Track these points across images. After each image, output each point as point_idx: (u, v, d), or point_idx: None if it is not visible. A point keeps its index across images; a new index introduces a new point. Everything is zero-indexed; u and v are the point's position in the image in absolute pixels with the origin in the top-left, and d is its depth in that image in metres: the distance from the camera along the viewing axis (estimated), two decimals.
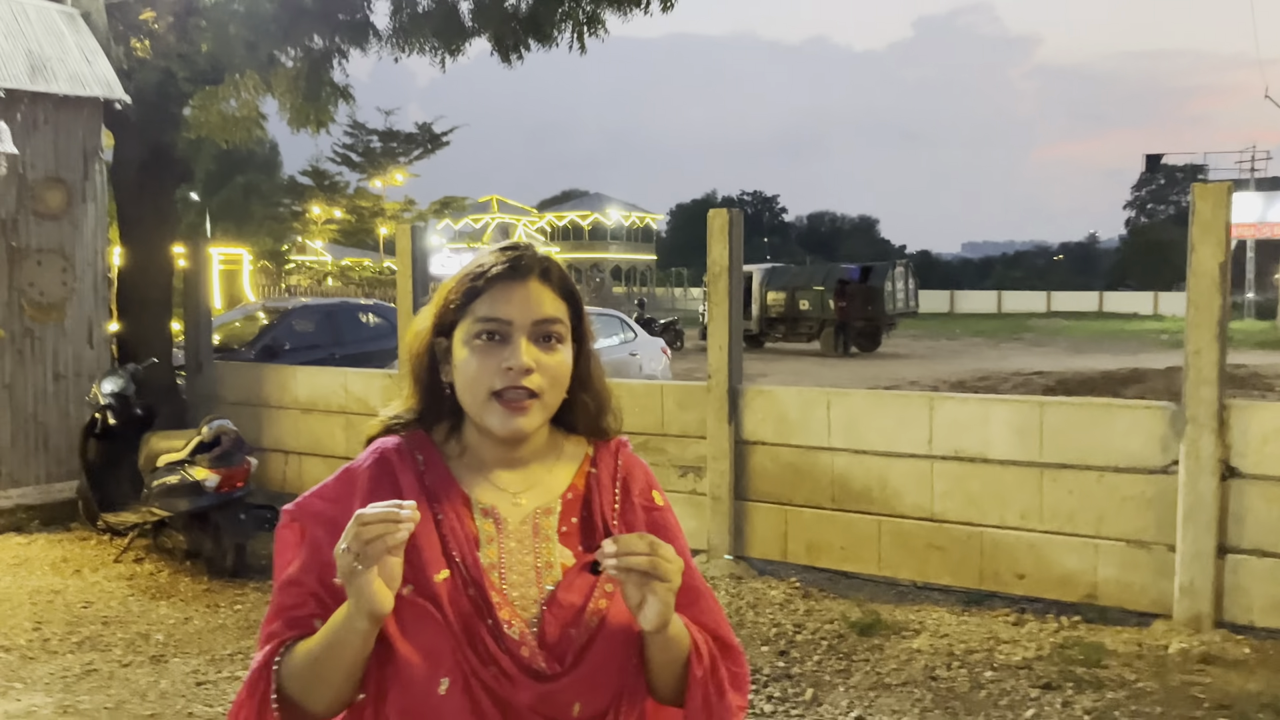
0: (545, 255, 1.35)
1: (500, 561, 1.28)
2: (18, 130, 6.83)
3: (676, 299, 54.65)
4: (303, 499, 1.34)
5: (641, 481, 1.40)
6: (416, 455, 1.33)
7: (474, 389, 1.28)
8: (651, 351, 12.26)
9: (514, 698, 1.22)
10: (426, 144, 34.83)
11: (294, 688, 1.23)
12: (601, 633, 1.26)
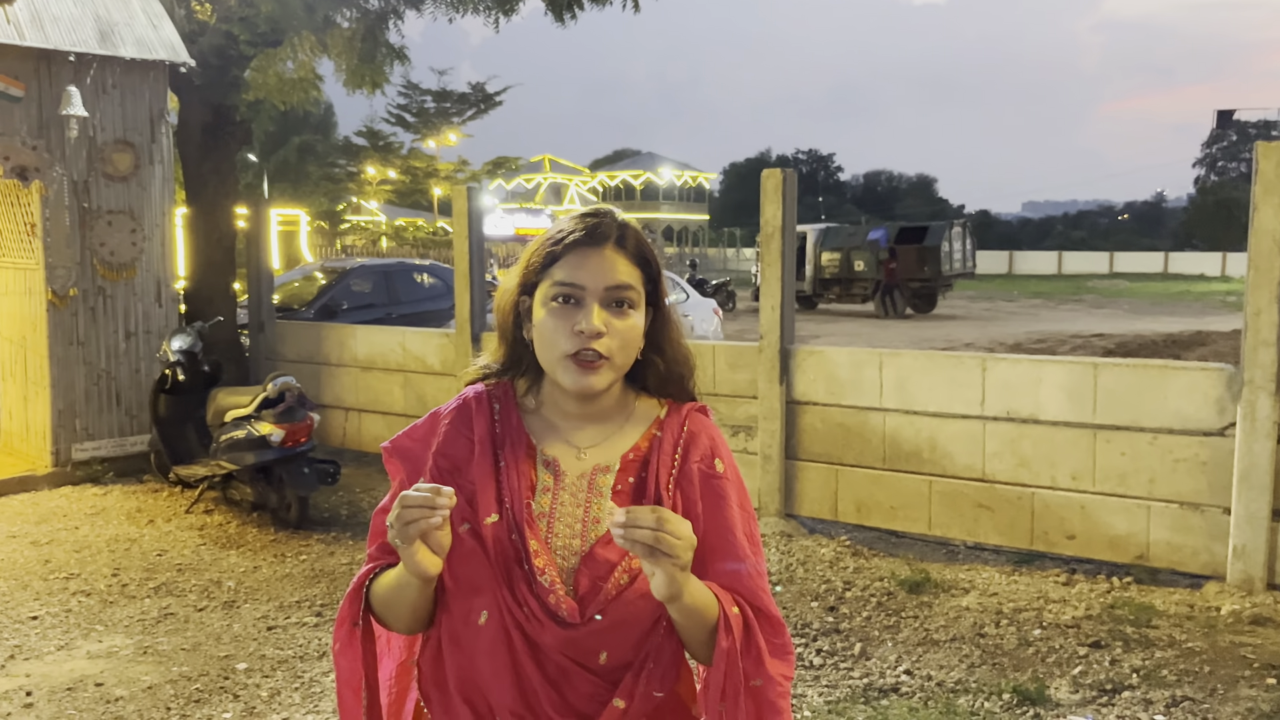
0: (624, 222, 1.40)
1: (551, 512, 1.36)
2: (87, 94, 7.02)
3: (729, 259, 54.40)
4: (396, 438, 1.47)
5: (704, 447, 1.42)
6: (494, 404, 1.42)
7: (549, 348, 1.35)
8: (703, 312, 12.29)
9: (542, 638, 1.31)
10: (479, 104, 34.87)
11: (378, 609, 1.40)
12: (630, 590, 1.31)
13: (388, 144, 36.37)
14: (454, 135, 35.56)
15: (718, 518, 1.38)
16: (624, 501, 1.37)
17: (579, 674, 1.32)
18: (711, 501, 1.39)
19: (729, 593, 1.34)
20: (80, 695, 3.94)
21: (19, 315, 7.49)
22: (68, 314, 7.17)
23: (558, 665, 1.32)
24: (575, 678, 1.32)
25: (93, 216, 7.23)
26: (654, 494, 1.36)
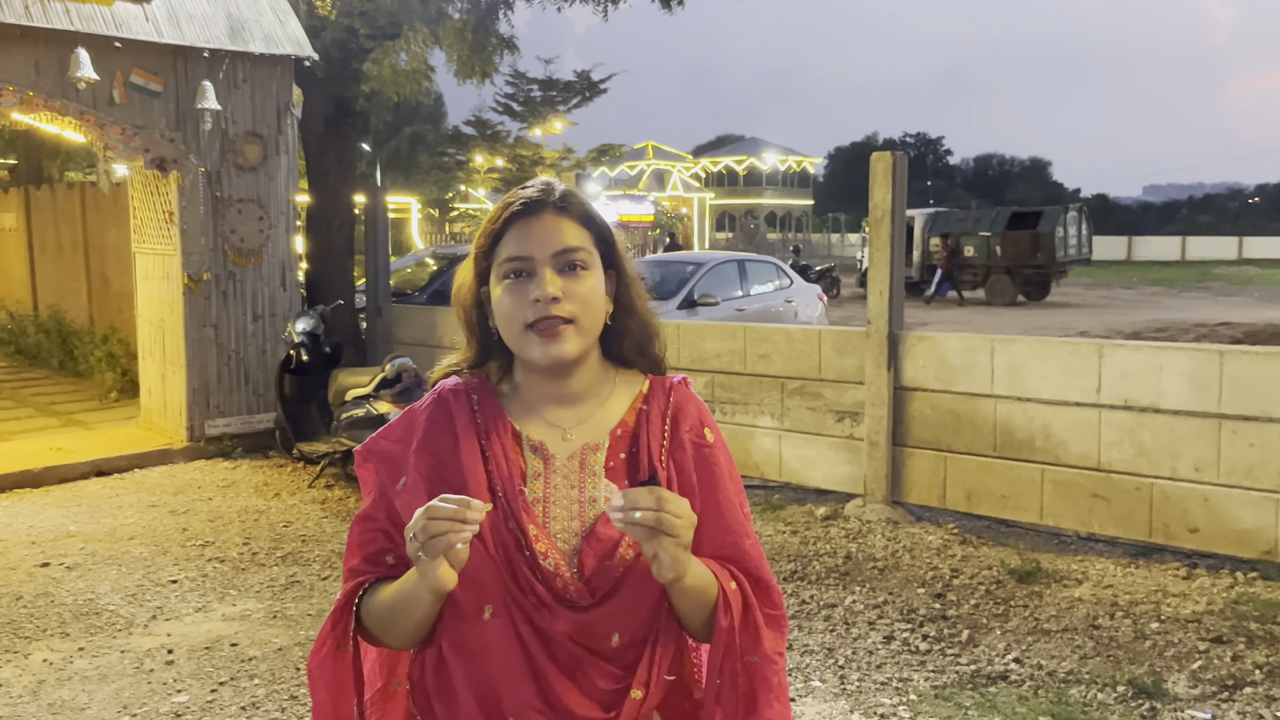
0: (563, 187, 1.36)
1: (545, 496, 1.31)
2: (220, 88, 7.38)
3: (833, 245, 53.68)
4: (370, 440, 1.40)
5: (692, 418, 1.39)
6: (471, 395, 1.37)
7: (510, 325, 1.32)
8: (807, 298, 12.20)
9: (552, 626, 1.27)
10: (585, 92, 35.14)
11: (373, 626, 1.33)
12: (637, 566, 1.27)
13: (495, 133, 36.99)
14: (559, 123, 35.96)
15: (713, 488, 1.36)
16: (618, 477, 1.34)
17: (591, 661, 1.29)
18: (705, 472, 1.37)
19: (725, 566, 1.32)
20: (216, 654, 4.20)
21: (158, 298, 7.94)
22: (201, 297, 7.58)
23: (569, 654, 1.28)
24: (588, 666, 1.29)
25: (224, 205, 7.61)
26: (648, 468, 1.33)
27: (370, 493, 1.38)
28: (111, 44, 6.89)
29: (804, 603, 4.68)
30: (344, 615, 1.33)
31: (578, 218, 1.35)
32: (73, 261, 11.81)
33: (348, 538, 1.40)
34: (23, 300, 13.19)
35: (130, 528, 5.93)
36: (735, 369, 6.56)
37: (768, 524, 5.89)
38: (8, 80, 6.56)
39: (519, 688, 1.27)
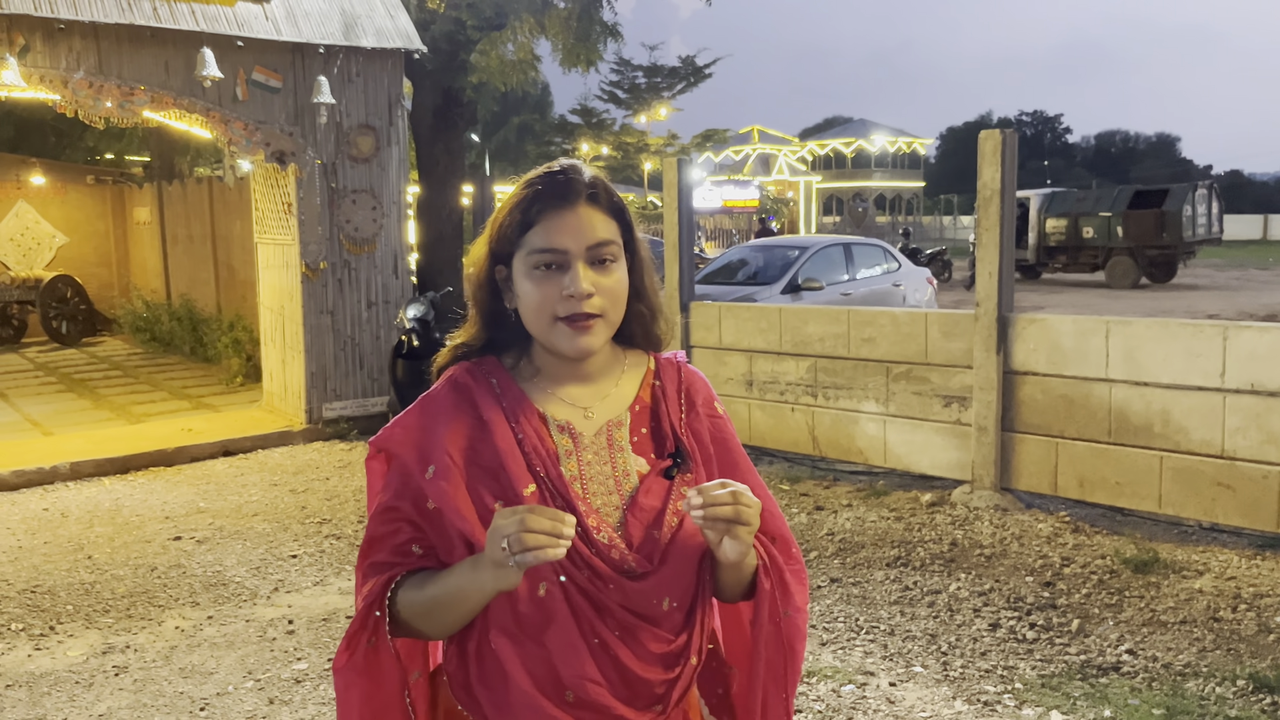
0: (593, 175, 1.36)
1: (581, 474, 1.34)
2: (334, 83, 7.65)
3: (944, 228, 52.33)
4: (386, 431, 1.39)
5: (704, 393, 1.46)
6: (491, 379, 1.38)
7: (539, 316, 1.32)
8: (916, 282, 11.95)
9: (606, 597, 1.29)
10: (689, 77, 35.12)
11: (410, 618, 1.32)
12: (680, 532, 1.33)
13: (600, 121, 37.29)
14: (664, 110, 36.00)
15: (729, 456, 1.44)
16: (645, 450, 1.38)
17: (642, 627, 1.31)
18: (720, 442, 1.44)
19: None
20: (334, 625, 4.40)
21: (278, 286, 8.30)
22: (319, 285, 7.89)
23: (622, 622, 1.30)
24: (640, 632, 1.31)
25: (339, 196, 7.89)
26: (671, 439, 1.38)
27: (387, 485, 1.37)
28: (234, 43, 7.21)
29: (907, 589, 4.62)
30: (377, 607, 1.31)
31: (607, 208, 1.36)
32: (201, 252, 12.42)
33: (367, 531, 1.37)
34: (157, 290, 13.93)
35: (254, 505, 6.23)
36: (839, 353, 6.49)
37: (871, 510, 5.83)
38: (139, 80, 6.94)
39: (577, 661, 1.29)
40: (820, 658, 3.95)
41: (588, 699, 1.29)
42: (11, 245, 14.56)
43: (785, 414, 6.82)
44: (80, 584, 4.90)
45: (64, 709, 3.67)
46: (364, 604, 1.32)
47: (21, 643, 4.24)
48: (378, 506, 1.36)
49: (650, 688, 1.31)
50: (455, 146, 9.35)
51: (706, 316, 7.28)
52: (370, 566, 1.35)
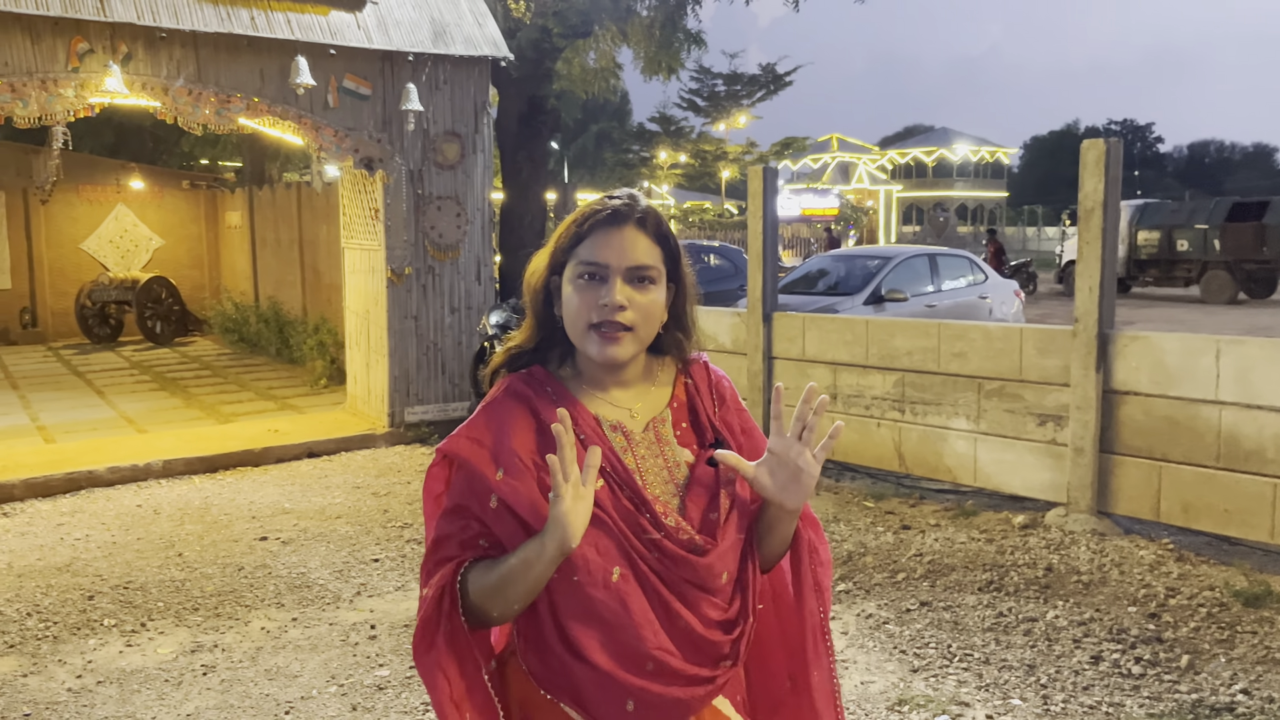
0: (646, 204, 1.48)
1: (639, 467, 1.47)
2: (422, 90, 7.73)
3: (1028, 239, 51.13)
4: (452, 439, 1.48)
5: (731, 390, 1.62)
6: (546, 387, 1.50)
7: (575, 321, 1.45)
8: (1003, 294, 11.64)
9: (674, 575, 1.43)
10: (769, 85, 34.87)
11: (478, 599, 1.42)
12: (732, 513, 1.48)
13: (679, 128, 37.28)
14: (743, 117, 35.84)
15: (755, 444, 1.57)
16: (689, 442, 1.52)
17: (705, 599, 1.44)
18: (747, 432, 1.59)
19: None
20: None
21: (364, 291, 8.41)
22: (403, 290, 7.97)
23: (688, 596, 1.44)
24: (703, 604, 1.44)
25: (425, 202, 7.97)
26: (710, 431, 1.53)
27: (453, 489, 1.47)
28: (327, 51, 7.33)
29: (1001, 615, 4.45)
30: (449, 592, 1.42)
31: (654, 235, 1.48)
32: (289, 256, 12.69)
33: (435, 531, 1.47)
34: (245, 292, 14.28)
35: (337, 507, 6.30)
36: (927, 368, 6.32)
37: (960, 530, 5.65)
38: (235, 87, 7.09)
39: (653, 635, 1.41)
40: (912, 685, 3.81)
41: (667, 667, 1.41)
42: (111, 247, 15.07)
43: (870, 429, 6.66)
44: (171, 581, 4.99)
45: (153, 707, 3.72)
46: (434, 590, 1.42)
47: (114, 639, 4.33)
48: (448, 507, 1.46)
49: (716, 648, 1.45)
50: (539, 154, 9.38)
51: (790, 328, 7.16)
52: (438, 561, 1.45)
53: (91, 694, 3.82)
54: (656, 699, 1.41)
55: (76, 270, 14.65)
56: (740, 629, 1.47)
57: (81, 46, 6.53)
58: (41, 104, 6.47)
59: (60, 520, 6.01)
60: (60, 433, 8.05)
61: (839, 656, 4.07)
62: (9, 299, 14.38)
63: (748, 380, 7.36)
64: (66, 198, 14.55)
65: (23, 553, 5.42)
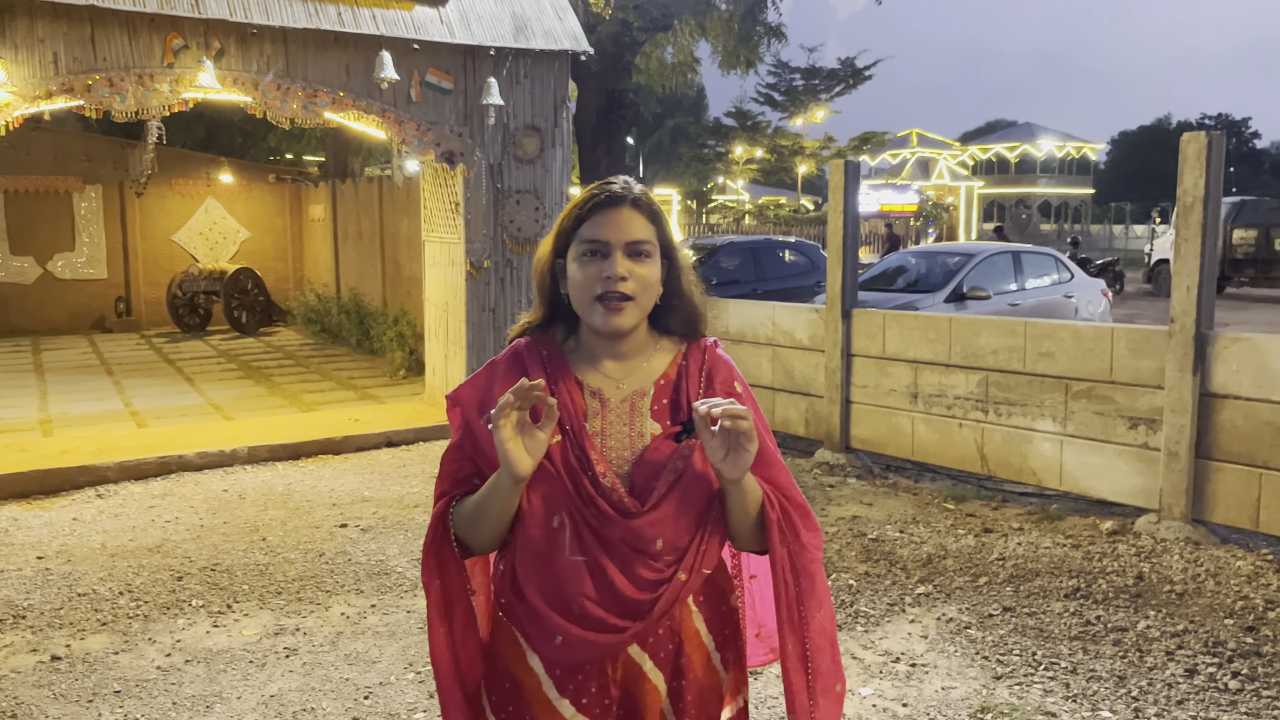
0: (640, 189, 1.64)
1: (603, 430, 1.61)
2: (503, 84, 7.78)
3: (1115, 237, 49.66)
4: (459, 388, 1.71)
5: (724, 373, 1.69)
6: (541, 350, 1.67)
7: (582, 295, 1.60)
8: (1090, 293, 11.30)
9: (608, 532, 1.56)
10: (848, 79, 34.40)
11: (461, 530, 1.62)
12: (678, 486, 1.58)
13: (755, 123, 37.03)
14: (821, 112, 35.42)
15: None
16: (662, 417, 1.63)
17: (639, 559, 1.57)
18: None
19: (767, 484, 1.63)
20: None
21: (443, 283, 8.51)
22: (482, 283, 8.04)
23: (621, 554, 1.56)
24: (636, 563, 1.56)
25: (504, 196, 8.02)
26: (686, 409, 1.63)
27: (456, 430, 1.68)
28: (410, 46, 7.42)
29: (1089, 624, 4.31)
30: (441, 522, 1.62)
31: (647, 214, 1.62)
32: (370, 248, 12.92)
33: (440, 467, 1.68)
34: (328, 284, 14.59)
35: (415, 496, 6.38)
36: (1013, 367, 6.15)
37: (1045, 535, 5.49)
38: (322, 82, 7.22)
39: (578, 580, 1.56)
40: (995, 692, 3.71)
41: (588, 613, 1.56)
42: (200, 239, 15.53)
43: (951, 429, 6.52)
44: (255, 565, 5.11)
45: (238, 687, 3.81)
46: (432, 520, 1.64)
47: (201, 619, 4.44)
48: (449, 446, 1.68)
49: (638, 605, 1.57)
50: (617, 148, 9.39)
51: (869, 324, 7.04)
52: (438, 495, 1.66)
53: (180, 672, 3.92)
54: (578, 639, 1.56)
55: (168, 261, 15.14)
56: (662, 590, 1.57)
57: (176, 42, 6.72)
58: (138, 98, 6.67)
59: (151, 503, 6.21)
60: (152, 418, 8.32)
61: (919, 660, 3.99)
62: (105, 289, 14.92)
63: (825, 378, 7.26)
64: (160, 191, 15.03)
65: (116, 533, 5.60)
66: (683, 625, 1.65)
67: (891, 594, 4.71)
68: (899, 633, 4.27)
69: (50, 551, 5.29)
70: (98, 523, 5.80)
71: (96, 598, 4.66)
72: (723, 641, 1.71)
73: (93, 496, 6.32)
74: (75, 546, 5.37)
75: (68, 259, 14.67)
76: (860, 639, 4.21)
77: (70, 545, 5.39)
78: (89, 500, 6.25)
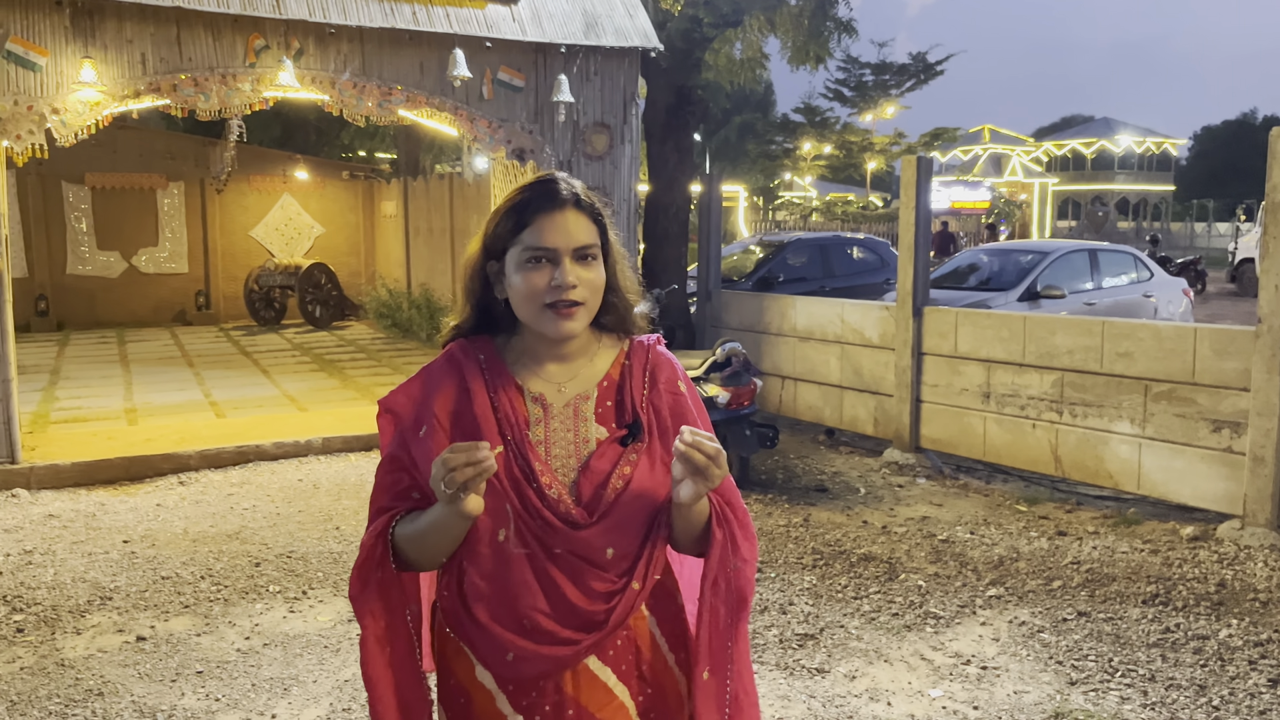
0: (578, 185, 1.58)
1: (546, 438, 1.55)
2: (573, 81, 7.83)
3: (1196, 235, 48.19)
4: (392, 395, 1.63)
5: (668, 371, 1.65)
6: (479, 355, 1.61)
7: (529, 303, 1.53)
8: (1170, 293, 10.99)
9: (555, 543, 1.51)
10: (919, 74, 33.90)
11: (406, 551, 1.55)
12: (626, 493, 1.53)
13: (824, 119, 36.69)
14: (891, 108, 34.98)
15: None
16: (607, 421, 1.58)
17: (589, 570, 1.52)
18: (678, 415, 1.61)
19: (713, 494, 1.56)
20: None
21: None
22: None
23: (571, 566, 1.52)
24: (586, 574, 1.52)
25: None
26: (631, 412, 1.58)
27: (392, 440, 1.60)
28: (483, 44, 7.51)
29: (1168, 630, 4.20)
30: (380, 541, 1.55)
31: (590, 214, 1.57)
32: (440, 244, 13.11)
33: (375, 479, 1.61)
34: (399, 279, 14.84)
35: None
36: (1089, 368, 6.02)
37: (1121, 539, 5.37)
38: (397, 80, 7.35)
39: (529, 594, 1.52)
40: (1070, 698, 3.64)
41: (539, 627, 1.51)
42: (276, 235, 15.91)
43: (1025, 430, 6.39)
44: (329, 553, 5.23)
45: (314, 671, 3.90)
46: (369, 538, 1.55)
47: (278, 604, 4.56)
48: (386, 457, 1.60)
49: (592, 616, 1.52)
50: (685, 145, 9.37)
51: (941, 323, 6.94)
52: (377, 510, 1.59)
53: (258, 655, 4.04)
54: (531, 654, 1.52)
55: (246, 256, 15.53)
56: (616, 600, 1.53)
57: (258, 42, 6.90)
58: (221, 97, 6.86)
59: (230, 490, 6.39)
60: (230, 408, 8.55)
61: (990, 663, 3.93)
62: (186, 283, 15.37)
63: (895, 376, 7.18)
64: (238, 188, 15.43)
65: (197, 519, 5.78)
66: (638, 632, 1.60)
67: (962, 595, 4.64)
68: (969, 635, 4.21)
69: (135, 536, 5.48)
70: (180, 509, 5.98)
71: (179, 581, 4.81)
72: (675, 642, 1.66)
73: (175, 483, 6.53)
74: (159, 531, 5.56)
75: (151, 254, 15.14)
76: (930, 640, 4.17)
77: (154, 530, 5.58)
78: (171, 487, 6.46)
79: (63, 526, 5.63)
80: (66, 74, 6.46)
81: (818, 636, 4.20)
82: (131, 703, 3.64)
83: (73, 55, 6.47)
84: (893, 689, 3.74)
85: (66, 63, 6.47)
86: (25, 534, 5.49)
